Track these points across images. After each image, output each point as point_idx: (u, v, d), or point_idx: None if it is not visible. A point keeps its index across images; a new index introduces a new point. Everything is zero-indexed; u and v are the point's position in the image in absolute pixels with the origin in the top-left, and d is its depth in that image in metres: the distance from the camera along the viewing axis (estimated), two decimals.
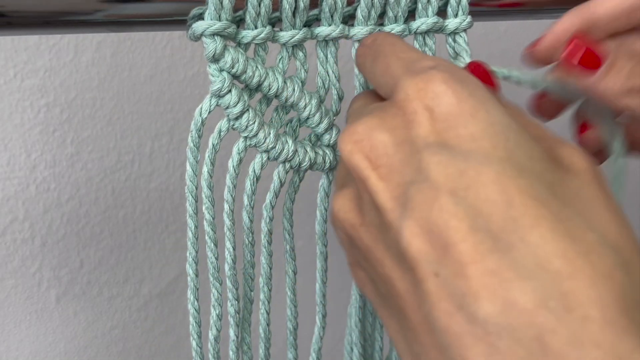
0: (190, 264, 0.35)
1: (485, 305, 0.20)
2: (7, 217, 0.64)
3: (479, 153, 0.23)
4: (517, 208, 0.21)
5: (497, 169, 0.22)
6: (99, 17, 0.31)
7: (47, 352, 0.71)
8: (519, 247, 0.21)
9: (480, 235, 0.21)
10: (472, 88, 0.24)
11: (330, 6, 0.33)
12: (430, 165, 0.23)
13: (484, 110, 0.24)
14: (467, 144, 0.23)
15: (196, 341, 0.37)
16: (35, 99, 0.61)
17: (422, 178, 0.23)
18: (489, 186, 0.22)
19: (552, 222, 0.21)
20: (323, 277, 0.38)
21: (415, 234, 0.22)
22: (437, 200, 0.22)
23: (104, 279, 0.69)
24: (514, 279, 0.20)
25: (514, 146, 0.23)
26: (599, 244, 0.21)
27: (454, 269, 0.21)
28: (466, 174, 0.22)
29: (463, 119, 0.23)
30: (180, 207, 0.69)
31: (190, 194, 0.34)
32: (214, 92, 0.32)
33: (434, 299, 0.21)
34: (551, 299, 0.20)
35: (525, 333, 0.19)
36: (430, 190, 0.22)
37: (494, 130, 0.23)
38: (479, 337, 0.20)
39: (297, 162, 0.34)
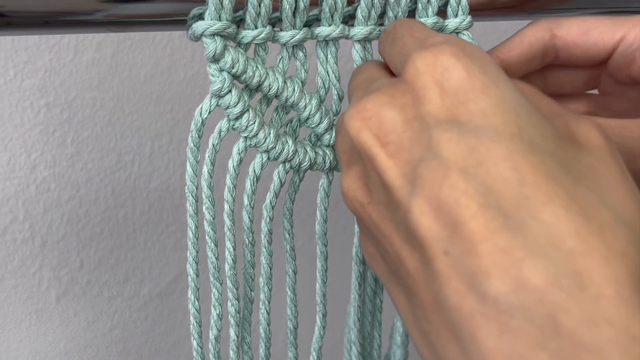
0: (190, 264, 0.35)
1: (497, 284, 0.20)
2: (7, 217, 0.64)
3: (490, 129, 0.22)
4: (529, 185, 0.21)
5: (509, 146, 0.22)
6: (99, 17, 0.31)
7: (47, 352, 0.71)
8: (530, 225, 0.20)
9: (491, 212, 0.21)
10: (483, 63, 0.24)
11: (330, 6, 0.33)
12: (440, 142, 0.23)
13: (495, 86, 0.23)
14: (477, 120, 0.23)
15: (197, 341, 0.37)
16: (35, 99, 0.61)
17: (431, 155, 0.23)
18: (500, 163, 0.21)
19: (565, 199, 0.21)
20: (323, 277, 0.38)
21: (424, 212, 0.22)
22: (447, 178, 0.22)
23: (104, 279, 0.70)
24: (526, 257, 0.20)
25: (525, 123, 0.23)
26: (613, 222, 0.21)
27: (464, 247, 0.21)
28: (477, 151, 0.22)
29: (473, 95, 0.23)
30: (180, 207, 0.69)
31: (191, 194, 0.34)
32: (214, 92, 0.32)
33: (444, 278, 0.21)
34: (564, 277, 0.19)
35: (538, 312, 0.19)
36: (440, 167, 0.22)
37: (505, 106, 0.23)
38: (490, 316, 0.20)
39: (297, 162, 0.34)
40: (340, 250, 0.56)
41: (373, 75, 0.29)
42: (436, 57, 0.24)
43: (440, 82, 0.24)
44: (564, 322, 0.19)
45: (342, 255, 0.52)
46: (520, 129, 0.22)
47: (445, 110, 0.23)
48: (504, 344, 0.19)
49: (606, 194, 0.22)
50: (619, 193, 0.22)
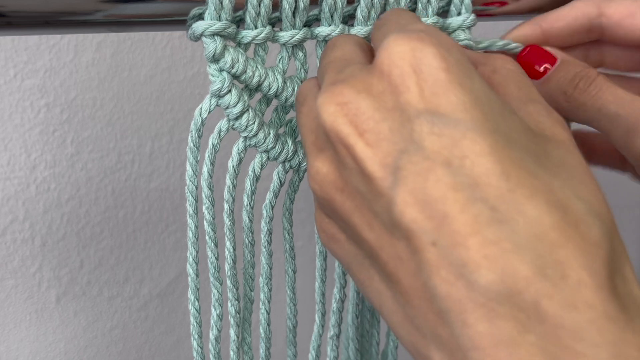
0: (190, 264, 0.35)
1: (486, 274, 0.21)
2: (7, 217, 0.64)
3: (472, 123, 0.22)
4: (513, 180, 0.22)
5: (491, 140, 0.22)
6: (99, 17, 0.31)
7: (47, 352, 0.71)
8: (516, 219, 0.21)
9: (478, 206, 0.21)
10: (459, 57, 0.24)
11: (330, 6, 0.33)
12: (423, 134, 0.23)
13: (470, 81, 0.24)
14: (459, 113, 0.23)
15: (197, 341, 0.37)
16: (35, 99, 0.61)
17: (414, 148, 0.23)
18: (485, 156, 0.22)
19: (545, 193, 0.22)
20: (322, 276, 0.38)
21: (409, 203, 0.22)
22: (432, 171, 0.22)
23: (104, 279, 0.70)
24: (513, 249, 0.21)
25: (499, 118, 0.23)
26: (586, 214, 0.22)
27: (453, 240, 0.21)
28: (460, 144, 0.22)
29: (452, 87, 0.23)
30: (180, 207, 0.69)
31: (190, 194, 0.34)
32: (213, 92, 0.32)
33: (433, 268, 0.22)
34: (548, 267, 0.21)
35: (524, 299, 0.20)
36: (424, 160, 0.22)
37: (481, 101, 0.23)
38: (480, 303, 0.21)
39: (296, 162, 0.34)
40: None
41: (347, 56, 0.28)
42: (413, 44, 0.24)
43: (418, 71, 0.24)
44: (548, 308, 0.20)
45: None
46: (498, 124, 0.23)
47: (425, 100, 0.23)
48: (493, 328, 0.21)
49: (577, 186, 0.23)
50: (587, 185, 0.23)
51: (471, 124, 0.22)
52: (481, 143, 0.22)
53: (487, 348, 0.21)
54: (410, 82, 0.24)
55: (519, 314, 0.20)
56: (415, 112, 0.23)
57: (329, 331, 0.39)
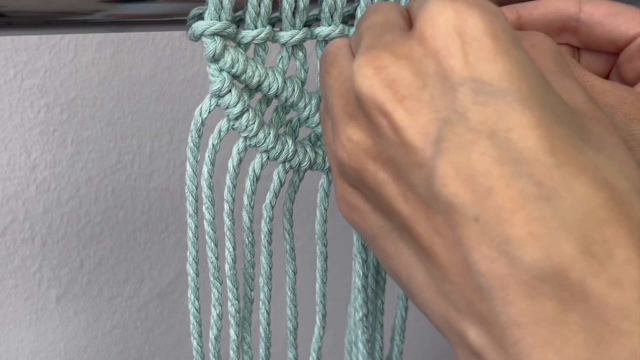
0: (190, 264, 0.35)
1: (531, 251, 0.20)
2: (7, 217, 0.64)
3: (518, 94, 0.22)
4: (560, 156, 0.21)
5: (539, 113, 0.21)
6: (99, 17, 0.31)
7: (47, 352, 0.71)
8: (563, 196, 0.21)
9: (524, 181, 0.21)
10: (505, 23, 0.23)
11: (330, 6, 0.33)
12: (467, 103, 0.22)
13: (517, 50, 0.23)
14: (504, 83, 0.22)
15: (197, 341, 0.37)
16: (35, 99, 0.61)
17: (457, 117, 0.22)
18: (532, 130, 0.21)
19: (592, 170, 0.21)
20: (323, 277, 0.38)
21: (451, 176, 0.21)
22: (477, 144, 0.21)
23: (104, 279, 0.70)
24: (559, 226, 0.20)
25: (544, 92, 0.22)
26: (630, 192, 0.21)
27: (497, 215, 0.21)
28: (507, 116, 0.21)
29: (498, 54, 0.22)
30: (180, 207, 0.70)
31: (190, 194, 0.34)
32: (213, 92, 0.32)
33: (474, 244, 0.21)
34: (594, 245, 0.20)
35: (569, 277, 0.20)
36: (468, 131, 0.21)
37: (528, 71, 0.22)
38: (523, 280, 0.20)
39: (297, 162, 0.34)
40: (340, 250, 0.56)
41: (389, 20, 0.26)
42: (457, 6, 0.23)
43: (462, 34, 0.22)
44: (594, 286, 0.20)
45: (342, 255, 0.52)
46: (544, 97, 0.22)
47: (469, 66, 0.22)
48: (536, 306, 0.20)
49: (620, 164, 0.22)
50: (628, 163, 0.23)
51: (518, 95, 0.22)
52: (528, 116, 0.21)
53: (529, 325, 0.20)
54: (454, 47, 0.22)
55: (562, 292, 0.20)
56: (458, 79, 0.22)
57: (357, 312, 0.38)
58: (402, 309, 0.40)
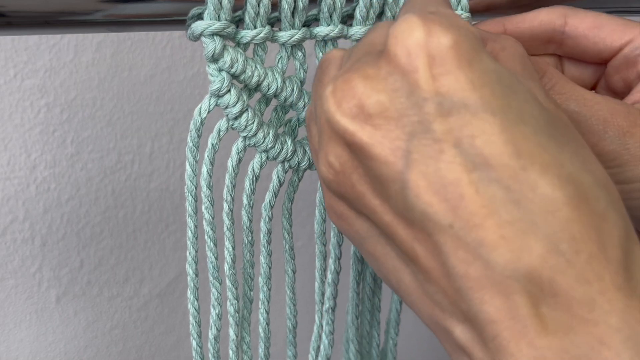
0: (190, 264, 0.36)
1: (503, 254, 0.21)
2: (7, 217, 0.64)
3: (480, 102, 0.22)
4: (524, 157, 0.22)
5: (501, 118, 0.22)
6: (99, 17, 0.31)
7: (47, 352, 0.71)
8: (530, 197, 0.22)
9: (492, 187, 0.22)
10: (467, 35, 0.24)
11: (329, 6, 0.33)
12: (432, 116, 0.23)
13: (479, 58, 0.23)
14: (468, 93, 0.23)
15: (196, 341, 0.37)
16: (35, 99, 0.61)
17: (423, 129, 0.23)
18: (496, 136, 0.22)
19: (556, 167, 0.22)
20: (322, 276, 0.38)
21: (423, 187, 0.22)
22: (444, 153, 0.22)
23: (104, 279, 0.70)
24: (528, 228, 0.21)
25: (510, 92, 0.23)
26: (594, 186, 0.22)
27: (470, 221, 0.22)
28: (470, 124, 0.22)
29: (461, 66, 0.23)
30: (180, 207, 0.70)
31: (190, 194, 0.34)
32: (213, 92, 0.32)
33: (450, 249, 0.22)
34: (562, 243, 0.21)
35: (539, 275, 0.21)
36: (434, 142, 0.22)
37: (490, 78, 0.23)
38: (497, 281, 0.22)
39: (296, 162, 0.34)
40: None
41: (375, 40, 0.27)
42: (421, 24, 0.24)
43: (427, 50, 0.23)
44: (561, 282, 0.21)
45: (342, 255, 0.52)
46: (507, 99, 0.23)
47: (433, 80, 0.23)
48: (509, 303, 0.22)
49: (583, 157, 0.23)
50: (589, 156, 0.24)
51: (480, 103, 0.22)
52: (491, 122, 0.22)
53: (504, 321, 0.22)
54: (419, 63, 0.23)
55: (533, 289, 0.21)
56: (423, 93, 0.23)
57: (324, 304, 0.39)
58: (396, 302, 0.41)
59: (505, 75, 0.24)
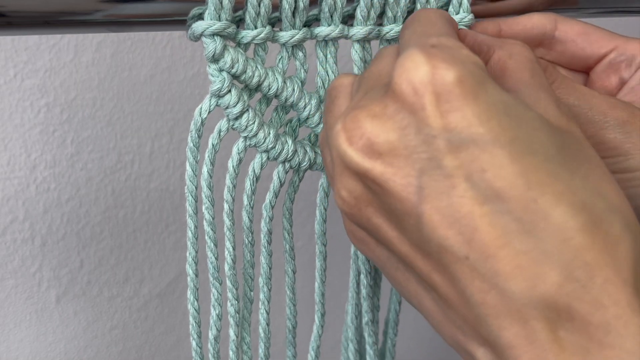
0: (190, 264, 0.35)
1: (519, 283, 0.22)
2: (7, 217, 0.64)
3: (488, 136, 0.23)
4: (535, 188, 0.22)
5: (510, 150, 0.23)
6: (99, 17, 0.31)
7: (47, 352, 0.71)
8: (543, 227, 0.22)
9: (505, 218, 0.22)
10: (472, 68, 0.24)
11: (329, 6, 0.33)
12: (441, 153, 0.23)
13: (484, 91, 0.24)
14: (475, 128, 0.23)
15: (196, 341, 0.37)
16: (35, 99, 0.61)
17: (433, 166, 0.23)
18: (505, 168, 0.22)
19: (569, 196, 0.22)
20: (322, 277, 0.38)
21: (437, 221, 0.23)
22: (455, 188, 0.23)
23: (104, 279, 0.70)
24: (542, 257, 0.22)
25: (518, 122, 0.23)
26: (607, 210, 0.23)
27: (485, 252, 0.22)
28: (480, 159, 0.23)
29: (467, 101, 0.23)
30: (180, 207, 0.70)
31: (190, 194, 0.34)
32: (213, 92, 0.32)
33: (467, 279, 0.23)
34: (576, 270, 0.22)
35: (556, 302, 0.22)
36: (445, 178, 0.23)
37: (497, 110, 0.23)
38: (514, 309, 0.22)
39: (296, 162, 0.34)
40: (339, 250, 0.56)
41: (382, 72, 0.28)
42: (425, 61, 0.24)
43: (433, 87, 0.24)
44: (578, 308, 0.22)
45: (341, 255, 0.52)
46: (516, 130, 0.23)
47: (440, 116, 0.23)
48: (527, 329, 0.22)
49: (596, 182, 0.24)
50: (604, 179, 0.24)
51: (488, 137, 0.23)
52: (499, 155, 0.23)
53: (523, 346, 0.22)
54: (426, 100, 0.24)
55: (550, 315, 0.22)
56: (431, 129, 0.23)
57: (363, 317, 0.39)
58: (395, 303, 0.41)
59: (512, 104, 0.24)
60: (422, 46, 0.25)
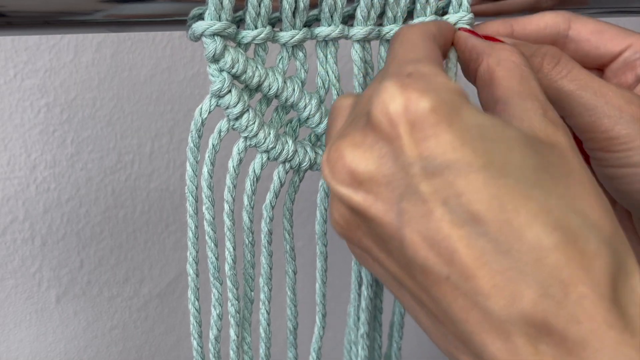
0: (190, 264, 0.35)
1: (498, 301, 0.23)
2: (7, 217, 0.64)
3: (463, 161, 0.24)
4: (509, 210, 0.23)
5: (484, 175, 0.24)
6: (99, 17, 0.31)
7: (47, 352, 0.71)
8: (518, 247, 0.23)
9: (481, 240, 0.23)
10: (446, 96, 0.25)
11: (330, 6, 0.33)
12: (417, 180, 0.24)
13: (458, 118, 0.25)
14: (449, 154, 0.24)
15: (197, 341, 0.37)
16: (35, 99, 0.61)
17: (411, 192, 0.24)
18: (480, 192, 0.23)
19: (542, 216, 0.23)
20: (323, 277, 0.38)
21: (418, 244, 0.24)
22: (433, 212, 0.24)
23: (104, 279, 0.70)
24: (518, 276, 0.23)
25: (493, 145, 0.24)
26: (583, 228, 0.23)
27: (464, 273, 0.23)
28: (455, 184, 0.24)
29: (441, 128, 0.24)
30: (180, 207, 0.69)
31: (191, 194, 0.34)
32: (213, 92, 0.32)
33: (450, 298, 0.24)
34: (551, 287, 0.23)
35: (533, 318, 0.23)
36: (423, 203, 0.24)
37: (471, 135, 0.24)
38: (495, 325, 0.23)
39: (297, 162, 0.34)
40: (339, 250, 0.56)
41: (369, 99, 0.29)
42: (400, 91, 0.25)
43: (408, 116, 0.25)
44: (555, 324, 0.22)
45: (342, 256, 0.52)
46: (490, 153, 0.24)
47: (415, 145, 0.24)
48: (509, 344, 0.23)
49: (574, 199, 0.24)
50: (584, 194, 0.25)
51: (462, 162, 0.24)
52: (473, 180, 0.23)
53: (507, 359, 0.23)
54: (400, 129, 0.25)
55: (529, 330, 0.23)
56: (407, 157, 0.25)
57: (359, 330, 0.39)
58: (400, 305, 0.40)
59: (488, 126, 0.25)
60: (397, 76, 0.26)
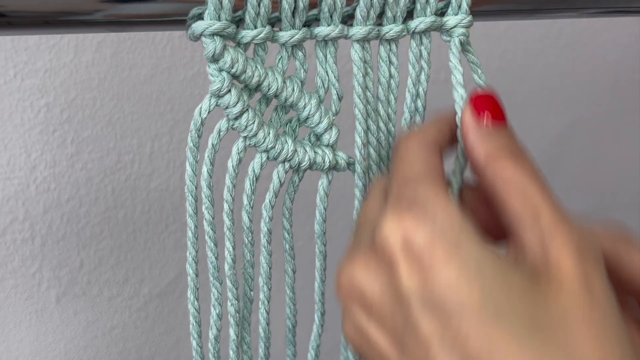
0: (190, 264, 0.36)
1: None
2: (7, 217, 0.64)
3: (459, 303, 0.24)
4: (502, 356, 0.23)
5: (478, 318, 0.24)
6: (99, 17, 0.31)
7: (47, 352, 0.71)
8: None
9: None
10: (444, 227, 0.25)
11: (329, 6, 0.33)
12: (414, 318, 0.25)
13: (457, 254, 0.25)
14: (446, 293, 0.24)
15: (196, 341, 0.37)
16: (35, 99, 0.61)
17: (411, 329, 0.25)
18: (473, 336, 0.24)
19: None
20: (322, 276, 0.38)
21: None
22: (431, 350, 0.24)
23: (104, 279, 0.70)
24: None
25: (490, 283, 0.24)
26: None
27: None
28: (451, 326, 0.24)
29: (438, 264, 0.25)
30: (180, 207, 0.70)
31: (190, 194, 0.34)
32: (213, 92, 0.32)
33: None
34: None
35: None
36: (422, 342, 0.25)
37: (469, 273, 0.25)
38: None
39: (296, 162, 0.34)
40: (339, 250, 0.56)
41: (373, 214, 0.30)
42: (405, 224, 0.26)
43: (409, 250, 0.25)
44: None
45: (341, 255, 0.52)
46: (486, 292, 0.24)
47: (415, 280, 0.25)
48: None
49: (573, 344, 0.24)
50: (585, 342, 0.24)
51: (458, 304, 0.24)
52: (467, 322, 0.24)
53: None
54: (401, 262, 0.26)
55: None
56: (407, 291, 0.25)
57: None
58: None
59: (488, 262, 0.25)
60: (396, 205, 0.27)
